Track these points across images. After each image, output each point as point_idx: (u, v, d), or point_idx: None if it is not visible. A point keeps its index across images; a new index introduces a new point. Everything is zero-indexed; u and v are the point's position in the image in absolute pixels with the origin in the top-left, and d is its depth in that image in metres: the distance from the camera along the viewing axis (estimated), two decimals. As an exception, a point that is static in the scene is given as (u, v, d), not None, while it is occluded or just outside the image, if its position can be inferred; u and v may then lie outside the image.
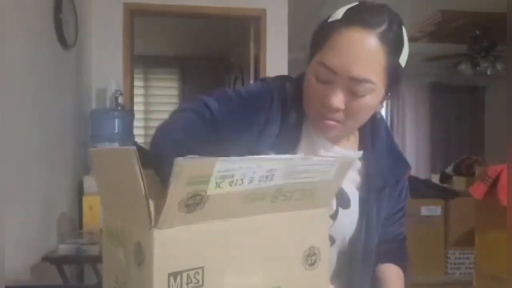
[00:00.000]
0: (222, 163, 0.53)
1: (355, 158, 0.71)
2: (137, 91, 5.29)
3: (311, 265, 0.67)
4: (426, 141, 6.73)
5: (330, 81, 0.84)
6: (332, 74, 0.83)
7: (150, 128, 6.33)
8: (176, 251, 0.55)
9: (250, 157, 0.56)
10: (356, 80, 0.82)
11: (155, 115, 6.44)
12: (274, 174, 0.59)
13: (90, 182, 2.84)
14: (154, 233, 0.53)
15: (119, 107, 3.25)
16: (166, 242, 0.54)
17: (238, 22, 4.28)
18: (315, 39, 0.89)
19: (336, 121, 0.87)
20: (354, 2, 0.88)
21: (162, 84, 6.74)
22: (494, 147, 6.05)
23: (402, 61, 0.87)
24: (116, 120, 3.13)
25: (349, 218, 0.95)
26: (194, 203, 0.54)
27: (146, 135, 6.21)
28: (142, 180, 0.53)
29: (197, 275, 0.56)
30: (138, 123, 5.57)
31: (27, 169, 2.20)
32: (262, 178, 0.58)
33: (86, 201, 2.53)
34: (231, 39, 5.14)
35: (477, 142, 6.73)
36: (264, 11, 3.80)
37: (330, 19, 0.87)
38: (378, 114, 0.95)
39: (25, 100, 2.20)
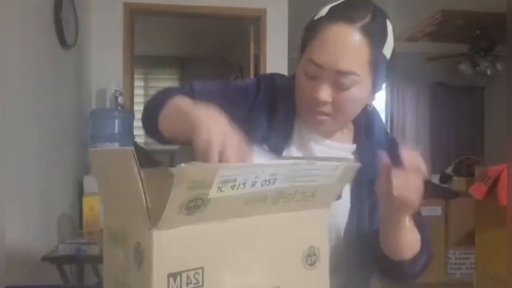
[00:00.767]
0: (225, 170, 0.53)
1: (359, 164, 0.72)
2: (137, 91, 5.28)
3: (311, 265, 0.67)
4: (426, 141, 6.72)
5: (317, 76, 0.88)
6: (319, 69, 0.87)
7: (150, 128, 6.31)
8: (175, 252, 0.55)
9: (254, 163, 0.56)
10: (341, 73, 0.85)
11: (155, 115, 6.45)
12: (276, 178, 0.59)
13: (90, 182, 2.84)
14: (153, 233, 0.53)
15: (119, 107, 3.25)
16: (165, 243, 0.54)
17: (238, 22, 4.28)
18: (304, 37, 0.92)
19: (325, 114, 0.90)
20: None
21: (162, 84, 6.72)
22: (494, 147, 6.04)
23: (387, 52, 0.89)
24: (116, 120, 3.13)
25: (340, 208, 0.95)
26: (195, 206, 0.54)
27: (146, 135, 6.18)
28: (141, 180, 0.53)
29: (197, 276, 0.56)
30: (138, 123, 5.54)
31: (27, 169, 2.20)
32: (264, 182, 0.58)
33: (86, 201, 2.53)
34: (231, 39, 5.14)
35: (477, 142, 6.72)
36: (264, 11, 3.80)
37: (316, 17, 0.90)
38: (369, 106, 0.97)
39: (25, 100, 2.20)
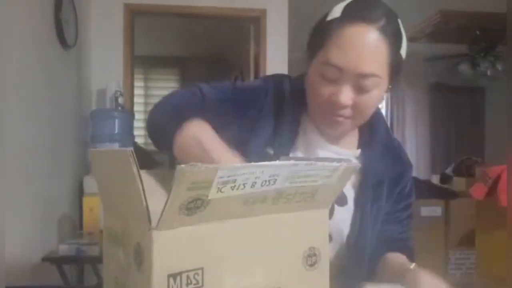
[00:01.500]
0: (225, 170, 0.53)
1: (359, 165, 0.71)
2: (137, 91, 5.29)
3: (311, 265, 0.67)
4: (426, 141, 6.71)
5: (336, 78, 0.85)
6: (338, 72, 0.84)
7: (151, 128, 6.32)
8: (175, 252, 0.55)
9: (254, 163, 0.56)
10: (363, 75, 0.83)
11: (155, 115, 6.45)
12: (276, 179, 0.59)
13: (90, 183, 2.84)
14: (153, 234, 0.53)
15: (119, 108, 3.25)
16: (165, 243, 0.54)
17: (238, 22, 4.28)
18: (315, 39, 0.89)
19: (344, 117, 0.88)
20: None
21: (162, 84, 6.73)
22: (494, 148, 6.04)
23: (403, 52, 0.89)
24: (116, 120, 3.13)
25: (345, 215, 0.96)
26: (195, 207, 0.54)
27: (146, 136, 6.16)
28: (140, 181, 0.53)
29: (196, 276, 0.56)
30: (138, 124, 5.56)
31: (28, 169, 2.20)
32: (264, 183, 0.58)
33: (86, 201, 2.52)
34: (231, 39, 5.14)
35: (477, 143, 6.72)
36: (264, 11, 3.80)
37: (329, 18, 0.87)
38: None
39: (25, 100, 2.20)
